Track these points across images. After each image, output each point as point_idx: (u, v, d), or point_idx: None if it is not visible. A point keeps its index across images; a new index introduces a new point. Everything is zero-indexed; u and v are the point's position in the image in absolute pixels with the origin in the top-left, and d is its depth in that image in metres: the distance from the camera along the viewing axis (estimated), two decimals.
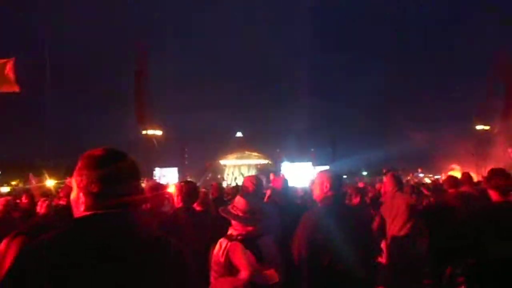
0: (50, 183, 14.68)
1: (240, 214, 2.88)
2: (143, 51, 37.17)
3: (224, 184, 45.74)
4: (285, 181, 5.76)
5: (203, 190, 7.68)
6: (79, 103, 48.92)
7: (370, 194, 9.11)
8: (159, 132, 39.61)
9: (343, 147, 51.69)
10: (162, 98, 44.75)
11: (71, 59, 50.31)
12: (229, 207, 2.96)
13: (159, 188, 5.36)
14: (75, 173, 1.53)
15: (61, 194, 6.20)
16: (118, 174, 1.51)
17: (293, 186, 10.12)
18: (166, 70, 51.26)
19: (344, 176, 42.98)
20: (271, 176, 6.44)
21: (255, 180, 4.48)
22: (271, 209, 4.09)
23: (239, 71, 68.25)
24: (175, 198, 3.92)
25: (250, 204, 2.93)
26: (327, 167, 42.40)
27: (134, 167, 1.60)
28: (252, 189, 4.36)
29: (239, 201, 2.97)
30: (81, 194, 1.51)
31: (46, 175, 15.28)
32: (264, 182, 5.90)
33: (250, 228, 2.84)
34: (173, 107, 46.96)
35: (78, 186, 1.51)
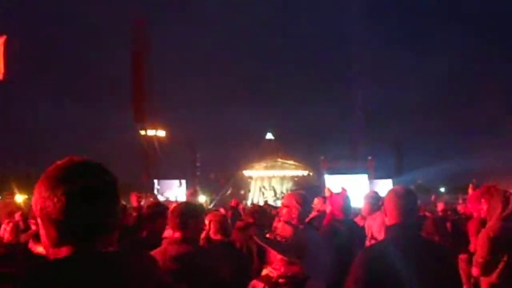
0: (19, 198, 14.90)
1: (285, 245, 2.94)
2: (141, 25, 37.62)
3: (249, 202, 46.17)
4: (347, 199, 5.76)
5: (221, 211, 7.56)
6: (56, 93, 49.89)
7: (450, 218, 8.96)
8: (162, 133, 40.12)
9: (412, 154, 50.97)
10: (167, 89, 45.34)
11: (48, 38, 51.55)
12: (270, 235, 3.05)
13: (160, 208, 5.31)
14: (33, 199, 1.53)
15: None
16: (90, 194, 1.53)
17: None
18: (172, 52, 51.88)
19: None
20: (327, 192, 6.35)
21: (301, 199, 4.42)
22: (322, 242, 4.14)
23: (267, 53, 68.23)
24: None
25: (299, 234, 3.00)
26: (389, 181, 41.75)
27: (113, 185, 1.63)
28: (297, 213, 4.30)
29: (284, 228, 3.02)
30: (44, 225, 1.53)
31: (15, 189, 15.53)
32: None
33: (296, 268, 2.85)
34: (181, 100, 47.53)
35: (39, 216, 1.52)
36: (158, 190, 39.61)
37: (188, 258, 3.47)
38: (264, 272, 2.92)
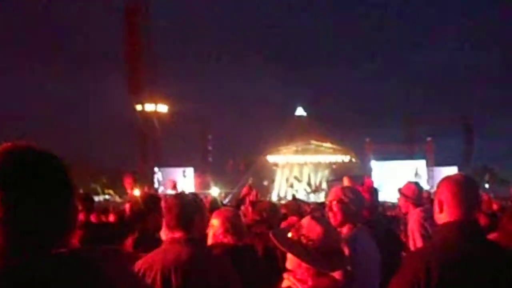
0: None
1: (313, 250, 2.94)
2: None
3: (274, 196, 46.35)
4: (374, 192, 5.83)
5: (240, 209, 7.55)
6: (38, 62, 50.36)
7: None
8: (163, 108, 40.26)
9: (485, 134, 50.52)
10: (170, 52, 45.38)
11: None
12: (292, 234, 3.04)
13: (153, 201, 5.34)
14: None
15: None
16: (33, 187, 1.58)
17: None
18: (175, 6, 51.93)
19: (486, 185, 42.24)
20: (345, 182, 6.34)
21: (350, 192, 4.48)
22: (375, 250, 4.24)
23: (293, 8, 67.83)
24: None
25: (332, 235, 3.02)
26: (454, 169, 41.25)
27: (63, 175, 1.67)
28: (341, 208, 4.37)
29: (311, 227, 3.05)
30: None
31: None
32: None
33: (327, 281, 2.88)
34: (187, 66, 47.61)
35: None
36: (159, 181, 39.95)
37: (194, 262, 3.51)
38: (285, 284, 2.92)
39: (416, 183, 6.73)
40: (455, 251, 3.08)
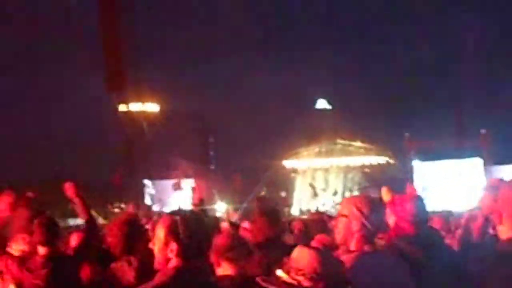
0: None
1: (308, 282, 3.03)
2: None
3: (295, 209, 46.31)
4: (419, 202, 5.77)
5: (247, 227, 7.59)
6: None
7: None
8: (153, 107, 40.36)
9: None
10: (159, 42, 45.42)
11: None
12: (283, 269, 3.14)
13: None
14: None
15: None
16: None
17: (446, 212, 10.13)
18: None
19: None
20: (384, 195, 6.34)
21: (367, 204, 4.38)
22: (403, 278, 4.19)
23: None
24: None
25: (327, 262, 3.09)
26: None
27: None
28: (359, 227, 4.28)
29: (300, 256, 3.15)
30: None
31: None
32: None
33: None
34: (181, 58, 47.64)
35: None
36: (151, 196, 40.12)
37: None
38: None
39: None
40: None
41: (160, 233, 3.88)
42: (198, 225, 3.95)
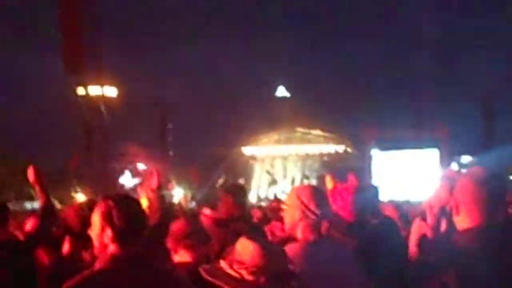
0: None
1: (250, 275, 3.00)
2: None
3: (253, 196, 46.40)
4: (362, 192, 5.83)
5: (207, 213, 7.59)
6: None
7: None
8: (112, 91, 40.08)
9: (507, 120, 50.94)
10: (118, 24, 45.10)
11: None
12: (225, 261, 3.11)
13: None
14: None
15: None
16: None
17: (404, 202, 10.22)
18: None
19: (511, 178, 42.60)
20: (328, 183, 6.41)
21: (311, 194, 4.33)
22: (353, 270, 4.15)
23: None
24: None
25: (271, 254, 3.05)
26: (472, 160, 41.30)
27: None
28: (302, 215, 4.23)
29: (243, 247, 3.11)
30: None
31: None
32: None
33: None
34: (140, 41, 47.38)
35: None
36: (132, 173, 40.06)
37: None
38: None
39: None
40: (475, 265, 3.09)
41: (95, 219, 3.78)
42: (134, 209, 3.90)
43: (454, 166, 43.36)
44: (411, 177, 40.29)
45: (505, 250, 3.24)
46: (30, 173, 6.28)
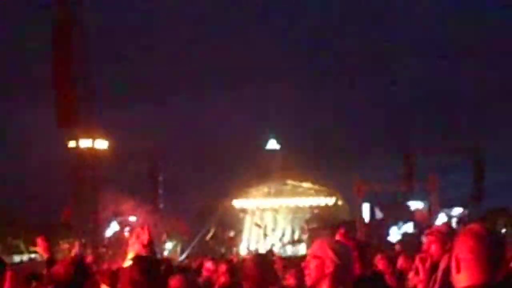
0: None
1: None
2: None
3: (243, 249, 46.09)
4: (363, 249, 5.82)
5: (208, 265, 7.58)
6: None
7: None
8: (102, 144, 40.02)
9: (496, 169, 51.02)
10: (110, 74, 45.24)
11: None
12: None
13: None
14: None
15: None
16: None
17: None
18: (114, 23, 52.09)
19: (502, 230, 42.56)
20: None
21: (340, 248, 4.39)
22: None
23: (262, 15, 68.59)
24: None
25: None
26: (461, 211, 41.27)
27: None
28: (333, 270, 4.25)
29: None
30: None
31: None
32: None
33: None
34: (132, 93, 47.46)
35: None
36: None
37: None
38: None
39: None
40: None
41: None
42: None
43: (442, 217, 43.42)
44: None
45: None
46: (40, 244, 6.32)
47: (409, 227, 45.74)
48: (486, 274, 3.19)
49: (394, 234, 45.31)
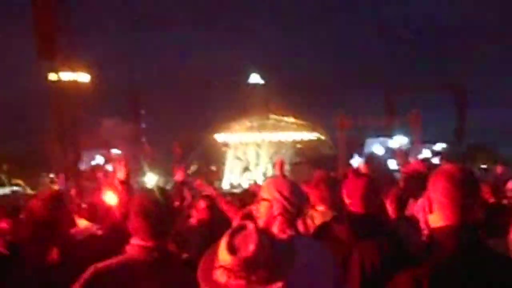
0: None
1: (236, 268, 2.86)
2: None
3: (225, 183, 46.35)
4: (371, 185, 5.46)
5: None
6: None
7: None
8: (84, 77, 39.82)
9: (478, 106, 51.29)
10: (92, 10, 44.86)
11: None
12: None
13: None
14: None
15: None
16: None
17: None
18: None
19: (482, 166, 42.97)
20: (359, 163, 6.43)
21: (288, 188, 4.26)
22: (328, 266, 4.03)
23: None
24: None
25: (264, 250, 2.89)
26: (443, 147, 41.49)
27: None
28: (281, 211, 4.16)
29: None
30: None
31: None
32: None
33: None
34: (114, 28, 47.01)
35: None
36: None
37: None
38: None
39: None
40: (450, 265, 3.12)
41: None
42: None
43: (426, 152, 43.74)
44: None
45: (478, 249, 3.26)
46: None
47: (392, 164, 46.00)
48: (459, 216, 3.22)
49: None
